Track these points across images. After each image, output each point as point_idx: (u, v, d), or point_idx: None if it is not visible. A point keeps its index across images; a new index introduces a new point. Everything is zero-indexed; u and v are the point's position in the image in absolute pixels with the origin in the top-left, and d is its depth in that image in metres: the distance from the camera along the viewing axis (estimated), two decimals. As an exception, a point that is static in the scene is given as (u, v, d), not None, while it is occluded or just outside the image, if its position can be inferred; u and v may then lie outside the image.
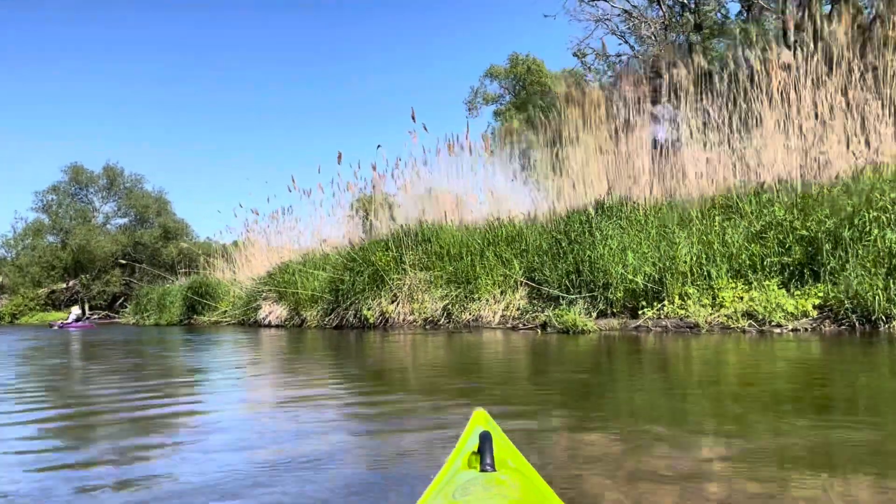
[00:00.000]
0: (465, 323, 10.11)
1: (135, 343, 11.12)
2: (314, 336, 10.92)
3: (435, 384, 4.56)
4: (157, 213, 38.58)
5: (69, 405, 4.18)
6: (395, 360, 6.53)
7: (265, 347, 9.11)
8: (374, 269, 11.46)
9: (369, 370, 5.76)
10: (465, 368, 5.62)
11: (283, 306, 13.75)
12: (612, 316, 8.33)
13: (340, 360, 6.85)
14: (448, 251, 11.05)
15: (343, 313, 11.81)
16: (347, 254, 12.28)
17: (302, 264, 13.72)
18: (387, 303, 11.31)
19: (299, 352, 8.30)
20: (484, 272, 10.23)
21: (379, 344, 8.57)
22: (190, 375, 5.83)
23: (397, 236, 11.66)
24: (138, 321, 20.88)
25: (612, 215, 9.32)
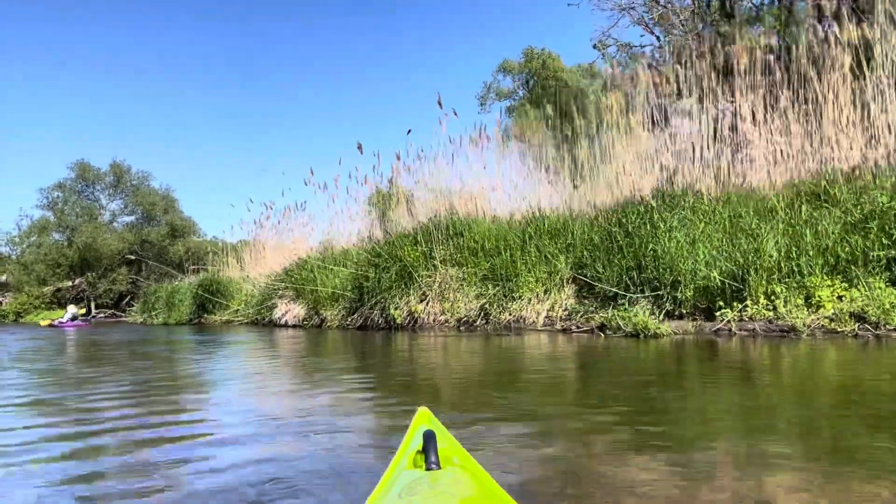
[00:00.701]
0: (506, 324, 9.06)
1: (140, 344, 10.09)
2: (336, 338, 9.88)
3: (518, 406, 3.52)
4: (164, 211, 37.57)
5: (66, 423, 3.19)
6: (441, 368, 5.49)
7: (283, 350, 8.06)
8: (401, 265, 10.42)
9: (405, 382, 4.72)
10: (538, 383, 4.56)
11: (301, 305, 12.72)
12: (681, 317, 7.29)
13: (368, 368, 5.80)
14: (482, 246, 10.00)
15: (368, 313, 10.77)
16: (372, 249, 11.24)
17: (321, 260, 12.68)
18: (415, 302, 10.27)
19: (320, 356, 7.24)
20: (525, 268, 9.19)
21: (410, 348, 7.53)
22: (201, 386, 4.81)
23: (426, 230, 10.62)
24: (146, 320, 19.86)
25: (674, 206, 8.28)
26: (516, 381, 4.65)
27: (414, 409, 1.87)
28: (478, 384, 4.53)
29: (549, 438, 2.70)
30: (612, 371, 4.93)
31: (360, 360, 6.55)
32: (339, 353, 7.50)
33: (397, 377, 5.13)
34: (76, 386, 4.99)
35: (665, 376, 4.57)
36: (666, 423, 2.96)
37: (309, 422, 3.18)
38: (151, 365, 6.60)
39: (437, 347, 7.54)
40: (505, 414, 3.26)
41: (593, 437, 2.73)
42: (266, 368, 6.07)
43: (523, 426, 2.91)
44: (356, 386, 4.64)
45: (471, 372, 5.24)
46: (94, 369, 6.45)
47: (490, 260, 9.72)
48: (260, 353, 7.93)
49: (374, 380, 4.95)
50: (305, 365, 6.14)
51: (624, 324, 6.99)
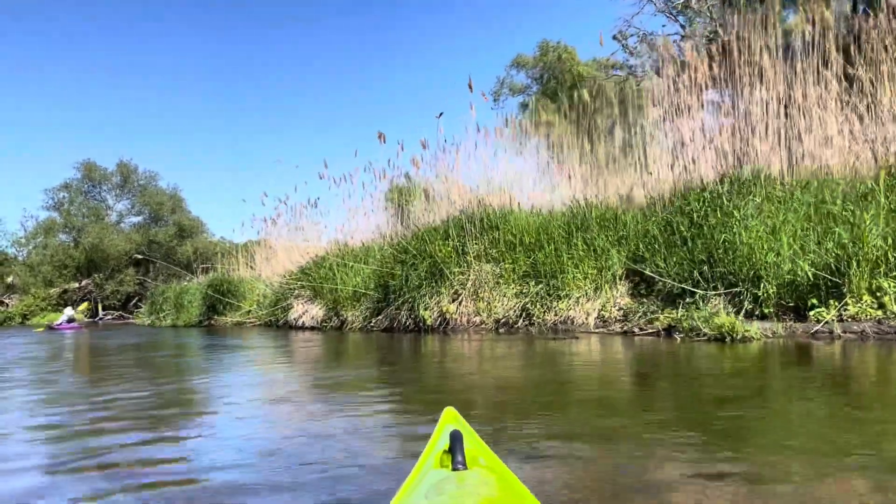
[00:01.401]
0: (552, 325, 8.10)
1: (143, 349, 9.15)
2: (358, 341, 8.93)
3: (581, 428, 2.56)
4: (171, 211, 36.72)
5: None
6: (480, 379, 4.51)
7: (300, 357, 7.09)
8: (431, 262, 9.46)
9: (437, 399, 3.73)
10: (610, 399, 3.59)
11: (319, 305, 11.77)
12: (763, 317, 6.31)
13: (395, 379, 4.83)
14: (521, 240, 9.05)
15: (394, 314, 9.81)
16: (398, 244, 10.29)
17: (340, 257, 11.74)
18: (447, 301, 9.32)
19: (341, 364, 6.28)
20: (571, 264, 8.23)
21: (442, 354, 6.58)
22: (203, 407, 3.87)
23: (458, 223, 9.66)
24: (153, 322, 18.94)
25: (744, 191, 7.31)
26: (575, 396, 3.70)
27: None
28: (530, 401, 3.58)
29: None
30: (709, 383, 3.97)
31: (386, 369, 5.60)
32: (362, 360, 6.54)
33: (429, 391, 4.18)
34: (66, 402, 4.06)
35: (766, 391, 3.62)
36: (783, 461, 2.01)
37: (324, 460, 2.26)
38: (151, 376, 5.66)
39: (473, 353, 6.60)
40: (568, 450, 2.31)
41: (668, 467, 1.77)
42: (282, 382, 5.12)
43: (588, 448, 1.99)
44: (381, 402, 3.75)
45: (516, 384, 4.28)
46: (83, 386, 5.51)
47: (531, 255, 8.77)
48: (274, 359, 6.97)
49: (402, 396, 4.02)
50: (324, 375, 5.17)
51: (703, 325, 6.01)
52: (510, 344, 7.06)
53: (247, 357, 7.34)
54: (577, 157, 10.68)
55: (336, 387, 4.45)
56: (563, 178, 10.60)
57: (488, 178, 10.86)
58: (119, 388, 4.72)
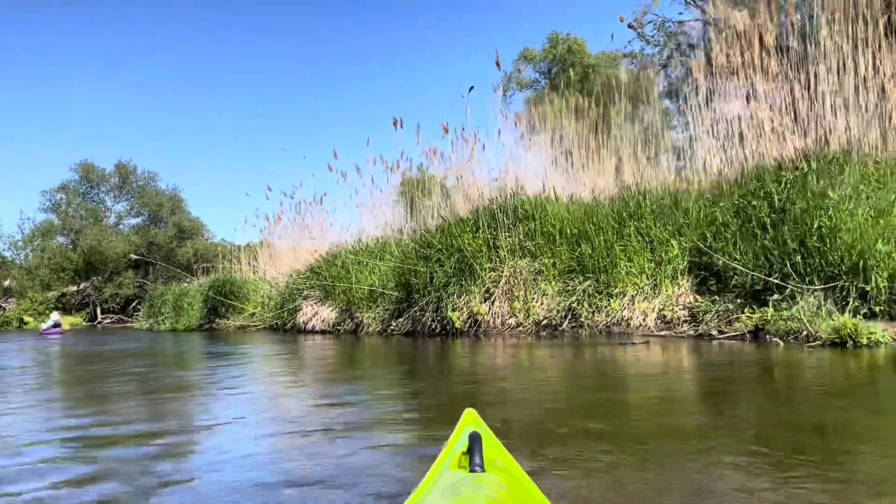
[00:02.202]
0: (604, 327, 7.00)
1: (135, 358, 8.02)
2: (376, 347, 7.82)
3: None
4: (171, 212, 35.56)
5: None
6: (525, 396, 3.39)
7: (310, 369, 5.97)
8: (459, 257, 8.36)
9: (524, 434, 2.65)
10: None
11: (331, 307, 10.64)
12: (872, 316, 5.21)
13: (422, 398, 3.71)
14: (561, 231, 7.95)
15: (417, 315, 8.69)
16: (421, 238, 9.17)
17: (354, 253, 10.62)
18: (478, 301, 8.21)
19: (357, 376, 5.16)
20: (625, 257, 7.13)
21: (475, 363, 5.48)
22: (208, 430, 2.76)
23: (490, 213, 8.55)
24: (152, 326, 17.77)
25: (832, 172, 6.21)
26: (650, 424, 2.60)
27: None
28: (582, 428, 2.48)
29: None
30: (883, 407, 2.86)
31: (410, 383, 4.51)
32: (380, 371, 5.43)
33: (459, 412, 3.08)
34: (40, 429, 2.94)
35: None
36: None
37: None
38: (137, 402, 4.53)
39: (510, 361, 5.51)
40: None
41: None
42: (290, 403, 3.99)
43: None
44: (406, 428, 2.72)
45: (568, 403, 3.17)
46: (64, 407, 4.39)
47: (575, 248, 7.67)
48: (281, 372, 5.83)
49: (431, 417, 2.93)
50: (339, 392, 4.04)
51: (811, 326, 4.90)
52: (555, 350, 5.96)
53: (254, 370, 6.21)
54: (606, 146, 9.61)
55: (358, 411, 3.34)
56: (594, 167, 9.51)
57: (516, 165, 9.79)
58: (91, 417, 3.61)
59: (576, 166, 9.76)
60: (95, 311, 33.08)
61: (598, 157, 9.60)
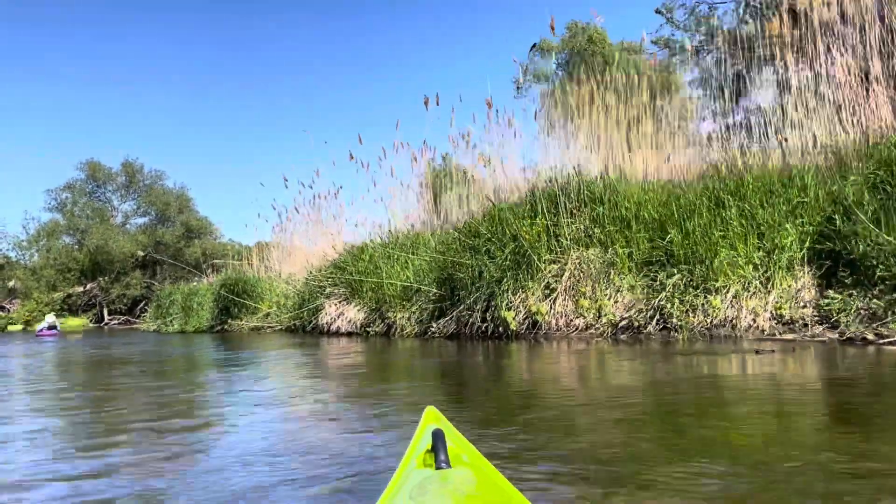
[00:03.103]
0: (705, 329, 5.67)
1: (137, 364, 6.71)
2: (416, 352, 6.52)
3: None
4: (178, 211, 34.34)
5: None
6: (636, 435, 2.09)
7: (338, 383, 4.68)
8: (515, 247, 7.05)
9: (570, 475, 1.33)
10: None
11: (358, 306, 9.32)
12: None
13: (490, 431, 2.39)
14: (638, 215, 6.64)
15: (463, 315, 7.38)
16: (467, 226, 7.84)
17: (384, 246, 9.32)
18: (536, 299, 6.90)
19: (392, 394, 3.84)
20: (725, 244, 5.81)
21: (546, 379, 4.18)
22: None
23: (548, 195, 7.22)
24: (160, 328, 16.49)
25: None
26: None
27: None
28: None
29: None
30: None
31: (466, 405, 3.23)
32: (425, 385, 4.13)
33: (548, 461, 1.80)
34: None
35: None
36: None
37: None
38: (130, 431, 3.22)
39: (595, 374, 4.21)
40: None
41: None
42: (321, 436, 2.67)
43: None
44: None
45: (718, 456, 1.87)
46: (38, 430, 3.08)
47: (656, 235, 6.36)
48: (302, 385, 4.51)
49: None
50: (376, 420, 2.76)
51: None
52: (647, 359, 4.66)
53: (273, 383, 4.89)
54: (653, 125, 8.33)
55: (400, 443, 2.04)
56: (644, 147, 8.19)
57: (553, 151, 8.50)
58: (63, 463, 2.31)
59: (616, 149, 8.45)
60: (102, 312, 31.87)
61: (648, 139, 8.32)
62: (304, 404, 3.63)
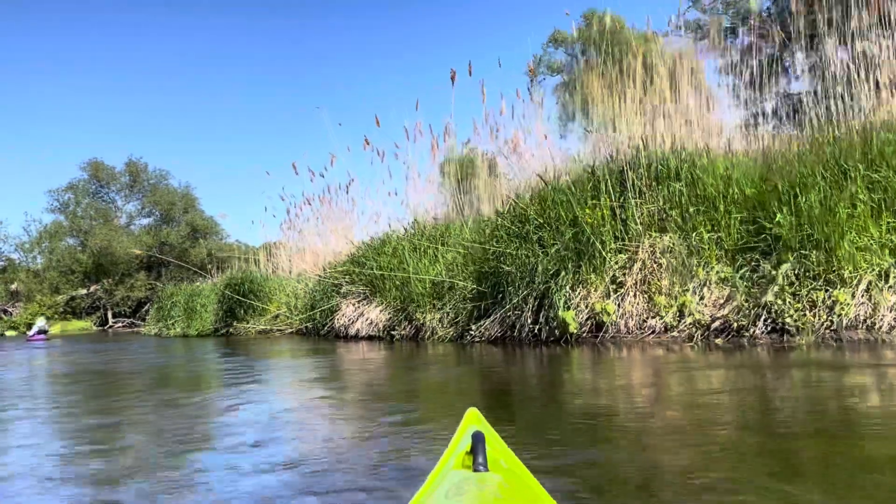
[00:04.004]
0: (828, 332, 4.43)
1: (117, 382, 5.50)
2: (454, 360, 5.32)
3: None
4: (183, 211, 33.16)
5: None
6: None
7: (372, 408, 3.45)
8: (575, 234, 5.81)
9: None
10: None
11: (380, 306, 8.09)
12: None
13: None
14: (725, 193, 5.39)
15: (510, 317, 6.14)
16: (513, 210, 6.59)
17: (408, 238, 8.08)
18: (601, 295, 5.66)
19: (444, 418, 2.62)
20: (855, 226, 4.57)
21: (635, 404, 2.95)
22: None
23: (614, 171, 5.97)
24: (161, 331, 15.28)
25: None
26: None
27: None
28: None
29: None
30: None
31: (520, 430, 2.11)
32: (464, 409, 2.92)
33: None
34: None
35: None
36: None
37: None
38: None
39: (675, 391, 3.02)
40: None
41: None
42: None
43: None
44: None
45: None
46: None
47: (753, 215, 5.12)
48: (321, 414, 3.28)
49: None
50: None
51: None
52: (750, 371, 3.47)
53: (286, 406, 3.65)
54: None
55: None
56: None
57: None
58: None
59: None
60: (106, 314, 30.72)
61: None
62: (316, 445, 2.39)
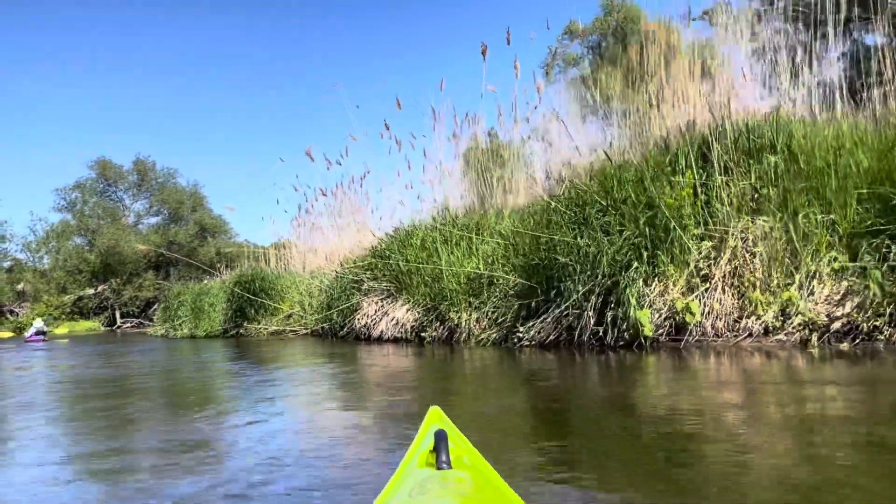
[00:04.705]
0: None
1: (112, 399, 4.56)
2: (501, 370, 4.38)
3: None
4: (192, 210, 32.30)
5: None
6: None
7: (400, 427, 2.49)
8: (650, 218, 4.83)
9: None
10: None
11: (406, 304, 7.13)
12: None
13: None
14: (836, 167, 4.41)
15: (567, 317, 5.16)
16: (569, 192, 5.60)
17: (439, 227, 7.12)
18: (679, 291, 4.69)
19: (509, 442, 1.68)
20: None
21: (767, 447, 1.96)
22: None
23: (698, 141, 4.98)
24: (167, 332, 14.39)
25: None
26: None
27: None
28: None
29: None
30: None
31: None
32: (525, 446, 1.96)
33: None
34: None
35: None
36: None
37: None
38: None
39: (795, 415, 2.06)
40: None
41: None
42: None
43: None
44: None
45: None
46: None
47: (873, 192, 4.13)
48: (350, 438, 2.36)
49: None
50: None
51: None
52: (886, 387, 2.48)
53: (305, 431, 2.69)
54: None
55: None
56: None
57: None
58: None
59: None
60: (114, 314, 29.91)
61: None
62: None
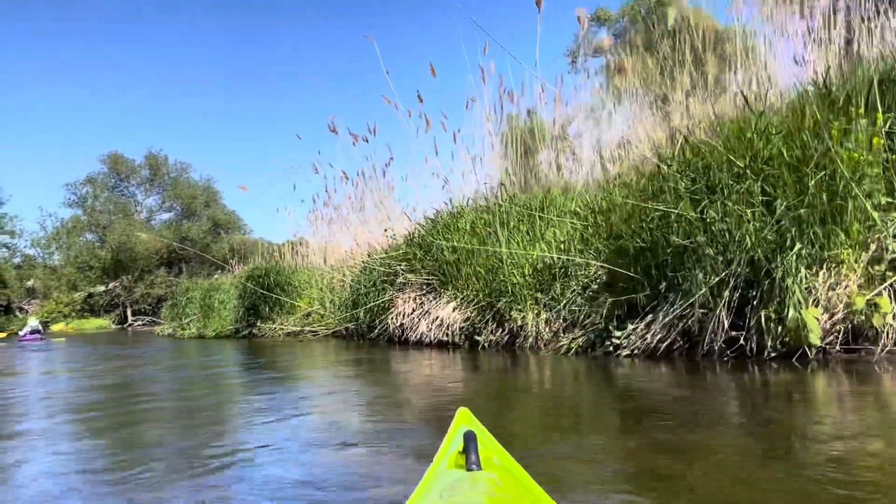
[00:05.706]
0: None
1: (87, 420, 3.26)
2: (608, 396, 3.06)
3: None
4: (205, 205, 31.15)
5: None
6: None
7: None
8: (823, 180, 3.45)
9: None
10: None
11: (453, 301, 5.78)
12: None
13: None
14: None
15: (685, 319, 3.80)
16: (690, 151, 4.21)
17: (489, 209, 5.76)
18: (854, 282, 3.30)
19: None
20: None
21: None
22: None
23: (869, 78, 3.60)
24: (175, 332, 13.17)
25: None
26: None
27: None
28: None
29: None
30: None
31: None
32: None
33: None
34: None
35: None
36: None
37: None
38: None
39: None
40: None
41: None
42: None
43: None
44: None
45: None
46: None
47: None
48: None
49: None
50: None
51: None
52: None
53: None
54: None
55: None
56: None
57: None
58: None
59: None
60: (126, 312, 28.83)
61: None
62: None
